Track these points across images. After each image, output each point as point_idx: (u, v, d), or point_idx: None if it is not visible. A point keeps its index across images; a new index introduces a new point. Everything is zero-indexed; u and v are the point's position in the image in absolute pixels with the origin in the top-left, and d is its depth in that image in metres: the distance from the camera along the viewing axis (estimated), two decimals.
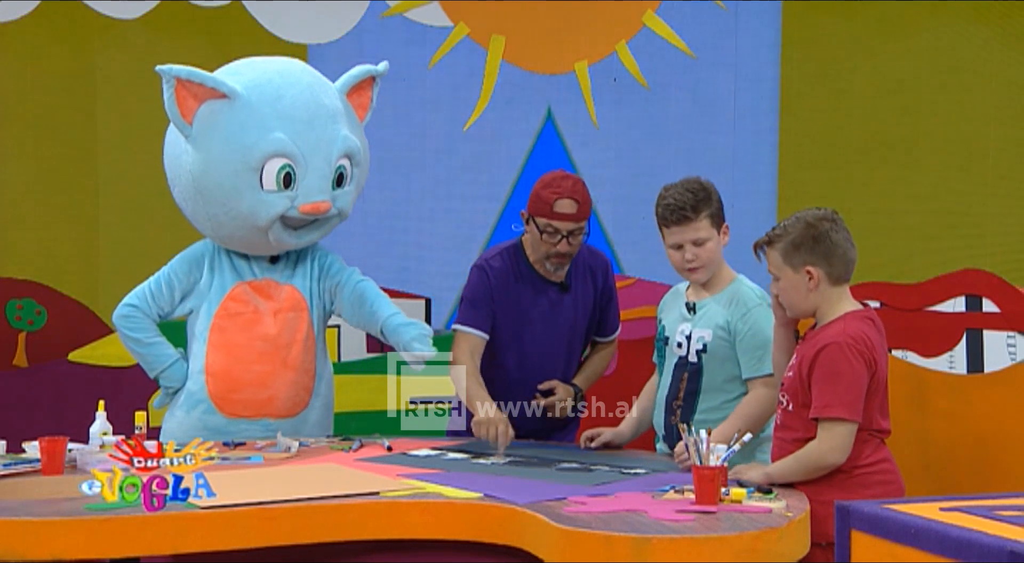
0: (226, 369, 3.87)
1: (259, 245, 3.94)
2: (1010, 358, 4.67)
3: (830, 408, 2.99)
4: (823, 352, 3.03)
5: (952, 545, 2.10)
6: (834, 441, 3.00)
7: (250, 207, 3.80)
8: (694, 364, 3.53)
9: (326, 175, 3.85)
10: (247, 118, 3.78)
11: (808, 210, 3.15)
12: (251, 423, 3.87)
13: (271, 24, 5.25)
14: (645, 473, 3.23)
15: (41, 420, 4.63)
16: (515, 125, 5.29)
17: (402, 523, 2.87)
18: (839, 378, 3.00)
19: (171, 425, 3.88)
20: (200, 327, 3.92)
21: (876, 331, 3.11)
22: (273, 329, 3.91)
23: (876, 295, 4.87)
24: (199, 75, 3.75)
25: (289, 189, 3.81)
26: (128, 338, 3.90)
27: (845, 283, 3.12)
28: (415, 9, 5.30)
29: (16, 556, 2.65)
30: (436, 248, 4.90)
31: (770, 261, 3.14)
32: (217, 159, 3.79)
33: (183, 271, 3.94)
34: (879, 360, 3.07)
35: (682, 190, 3.48)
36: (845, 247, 3.09)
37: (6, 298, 5.10)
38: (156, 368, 3.90)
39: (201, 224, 3.96)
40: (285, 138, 3.79)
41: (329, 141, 3.86)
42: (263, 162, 3.77)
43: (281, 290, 3.97)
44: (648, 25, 5.28)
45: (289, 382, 3.91)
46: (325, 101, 3.92)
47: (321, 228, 3.94)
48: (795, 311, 3.16)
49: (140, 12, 5.22)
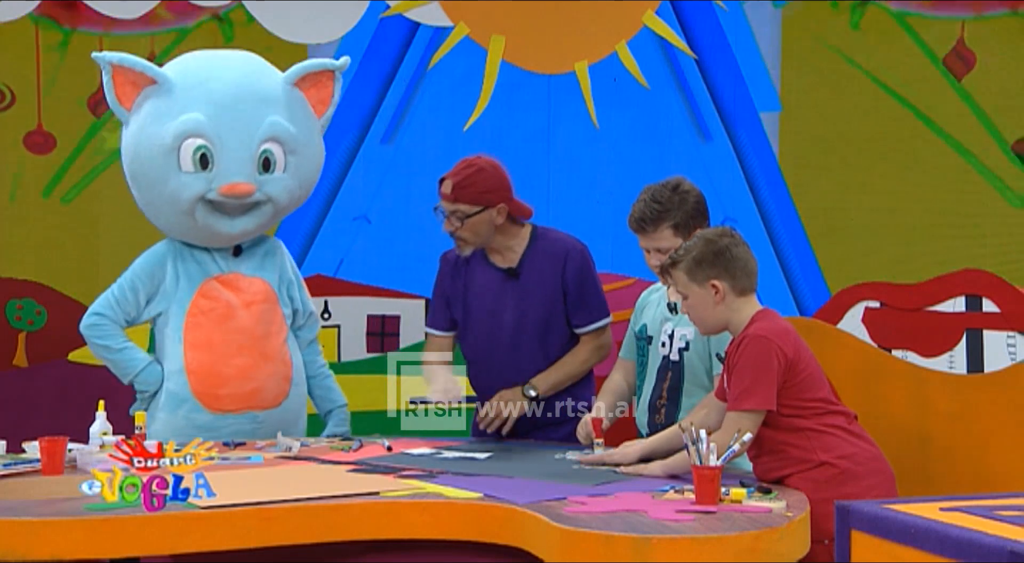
0: (207, 366, 3.88)
1: (201, 236, 3.95)
2: (1010, 358, 4.67)
3: (739, 400, 3.06)
4: (737, 347, 3.11)
5: (952, 545, 2.10)
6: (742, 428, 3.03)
7: (172, 189, 3.87)
8: (676, 363, 3.55)
9: (245, 158, 3.89)
10: (171, 101, 3.87)
11: (707, 229, 3.31)
12: (237, 417, 3.88)
13: (271, 24, 5.24)
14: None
15: (41, 420, 4.63)
16: (515, 125, 5.29)
17: (402, 523, 2.87)
18: (746, 371, 3.06)
19: (155, 427, 3.86)
20: (172, 327, 3.92)
21: (785, 323, 3.19)
22: (248, 321, 3.93)
23: (876, 295, 4.87)
24: (130, 61, 3.88)
25: (207, 170, 3.85)
26: (98, 347, 3.91)
27: (751, 293, 3.20)
28: (415, 9, 5.30)
29: (16, 556, 2.65)
30: (436, 248, 4.86)
31: (677, 281, 3.24)
32: (142, 142, 3.89)
33: (146, 274, 3.95)
34: (797, 345, 3.13)
35: (648, 200, 3.58)
36: (745, 259, 3.19)
37: (6, 298, 5.10)
38: (129, 373, 3.90)
39: (148, 215, 4.01)
40: (201, 118, 3.85)
41: (251, 124, 3.91)
42: (179, 142, 3.84)
43: (250, 283, 4.00)
44: (648, 25, 5.28)
45: (270, 373, 3.94)
46: (258, 86, 3.97)
47: (254, 215, 3.95)
48: (706, 326, 3.25)
49: (140, 12, 5.22)
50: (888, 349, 4.71)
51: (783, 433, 3.11)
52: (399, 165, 5.29)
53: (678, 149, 5.24)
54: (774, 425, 3.10)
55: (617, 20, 5.29)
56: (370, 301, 5.20)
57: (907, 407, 4.40)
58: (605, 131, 5.28)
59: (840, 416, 3.17)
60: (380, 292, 5.16)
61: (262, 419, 3.91)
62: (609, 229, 4.71)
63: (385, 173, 5.27)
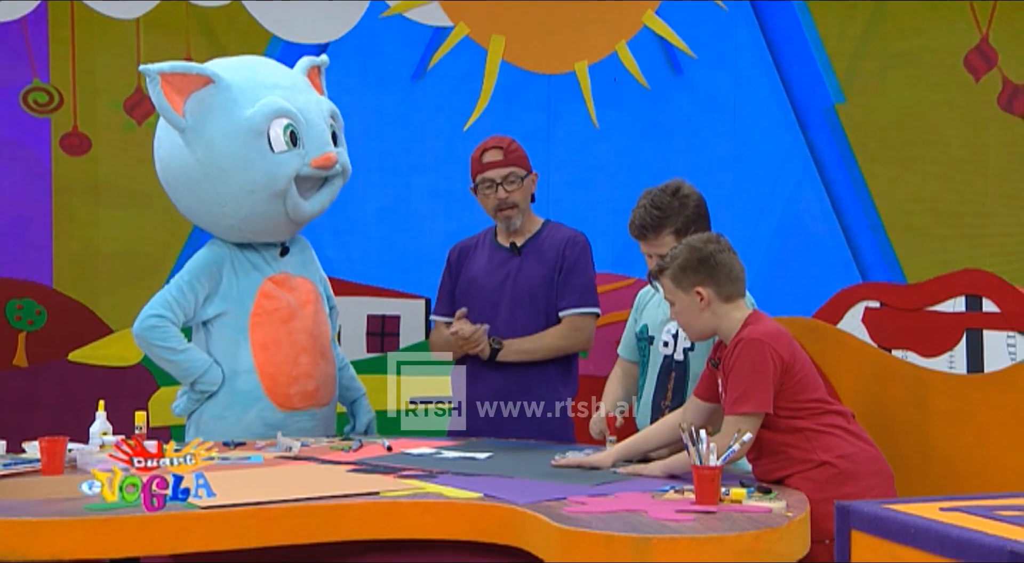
0: (278, 365, 3.96)
1: (274, 225, 4.00)
2: (1010, 358, 4.67)
3: (737, 404, 3.06)
4: (733, 351, 3.11)
5: (952, 545, 2.10)
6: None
7: (266, 173, 3.90)
8: (680, 363, 3.55)
9: (324, 130, 4.02)
10: (237, 94, 3.91)
11: (693, 236, 3.31)
12: (303, 414, 4.00)
13: (271, 24, 5.25)
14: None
15: (41, 420, 4.64)
16: (515, 125, 5.29)
17: (402, 523, 2.87)
18: (743, 374, 3.07)
19: (223, 426, 3.90)
20: (235, 328, 3.96)
21: (778, 325, 3.19)
22: (307, 321, 4.05)
23: (876, 295, 4.87)
24: (182, 66, 3.90)
25: (297, 147, 3.91)
26: (159, 348, 3.89)
27: (739, 299, 3.21)
28: (415, 9, 5.30)
29: (16, 556, 2.65)
30: (436, 248, 4.86)
31: (664, 289, 3.26)
32: (222, 137, 3.89)
33: (205, 274, 3.98)
34: (792, 346, 3.14)
35: (648, 206, 3.59)
36: (731, 265, 3.19)
37: (6, 298, 5.10)
38: (193, 374, 3.92)
39: (212, 219, 4.01)
40: (281, 99, 3.93)
41: (316, 101, 4.06)
42: (268, 124, 3.89)
43: (300, 282, 4.10)
44: (648, 25, 5.28)
45: (325, 371, 4.08)
46: (295, 75, 4.14)
47: (327, 190, 4.06)
48: (692, 332, 3.26)
49: (140, 12, 5.22)
50: (888, 349, 4.71)
51: (782, 434, 3.11)
52: (399, 165, 5.29)
53: (678, 149, 5.24)
54: (773, 427, 3.11)
55: (617, 20, 5.29)
56: (370, 301, 5.20)
57: (907, 407, 4.40)
58: (605, 131, 5.29)
59: (838, 415, 3.17)
60: (380, 292, 5.17)
61: (320, 416, 4.03)
62: (609, 229, 4.71)
63: (385, 173, 5.27)
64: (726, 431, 3.05)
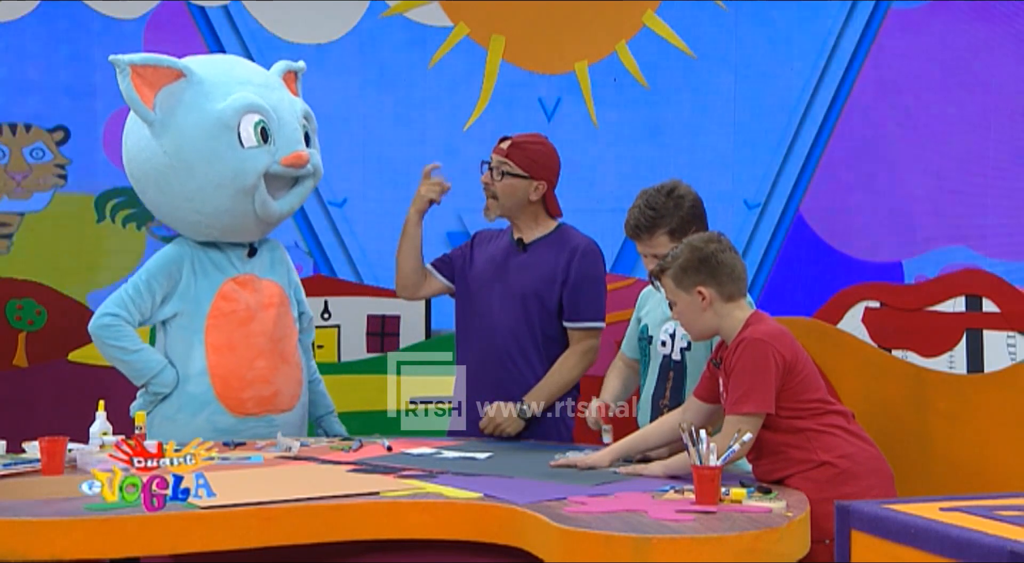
0: (231, 368, 3.87)
1: (242, 224, 3.94)
2: (1010, 358, 4.66)
3: (739, 404, 3.06)
4: (734, 351, 3.11)
5: (952, 545, 2.10)
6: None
7: (234, 168, 3.85)
8: (678, 362, 3.55)
9: (297, 129, 3.97)
10: (209, 88, 3.88)
11: (694, 235, 3.30)
12: (258, 420, 3.89)
13: (271, 24, 5.25)
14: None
15: (41, 420, 4.63)
16: (515, 125, 5.29)
17: (402, 523, 2.87)
18: (745, 374, 3.06)
19: (172, 429, 3.82)
20: (191, 328, 3.89)
21: (779, 325, 3.19)
22: (267, 324, 3.93)
23: (876, 295, 4.87)
24: (153, 59, 3.84)
25: (268, 144, 3.88)
26: (111, 347, 3.84)
27: (740, 298, 3.20)
28: (415, 9, 5.30)
29: (16, 556, 2.65)
30: (436, 248, 4.84)
31: (665, 289, 3.26)
32: (191, 130, 3.84)
33: (163, 274, 3.91)
34: (794, 346, 3.13)
35: (643, 207, 3.59)
36: (732, 265, 3.19)
37: (6, 298, 5.09)
38: (146, 375, 3.86)
39: (178, 214, 3.96)
40: (253, 95, 3.89)
41: (290, 101, 4.03)
42: (239, 119, 3.85)
43: (265, 285, 4.00)
44: (648, 25, 5.28)
45: (287, 376, 3.95)
46: (270, 75, 4.10)
47: (298, 192, 4.00)
48: (694, 332, 3.26)
49: (140, 12, 5.22)
50: (888, 349, 4.71)
51: (783, 434, 3.11)
52: (399, 165, 5.29)
53: (678, 149, 5.24)
54: (773, 427, 3.11)
55: (617, 20, 5.29)
56: (370, 301, 5.20)
57: (907, 407, 4.39)
58: (605, 131, 5.29)
59: (838, 416, 3.17)
60: (380, 292, 5.16)
61: (279, 423, 3.91)
62: (609, 229, 4.71)
63: (385, 173, 5.27)
64: (727, 431, 3.05)
